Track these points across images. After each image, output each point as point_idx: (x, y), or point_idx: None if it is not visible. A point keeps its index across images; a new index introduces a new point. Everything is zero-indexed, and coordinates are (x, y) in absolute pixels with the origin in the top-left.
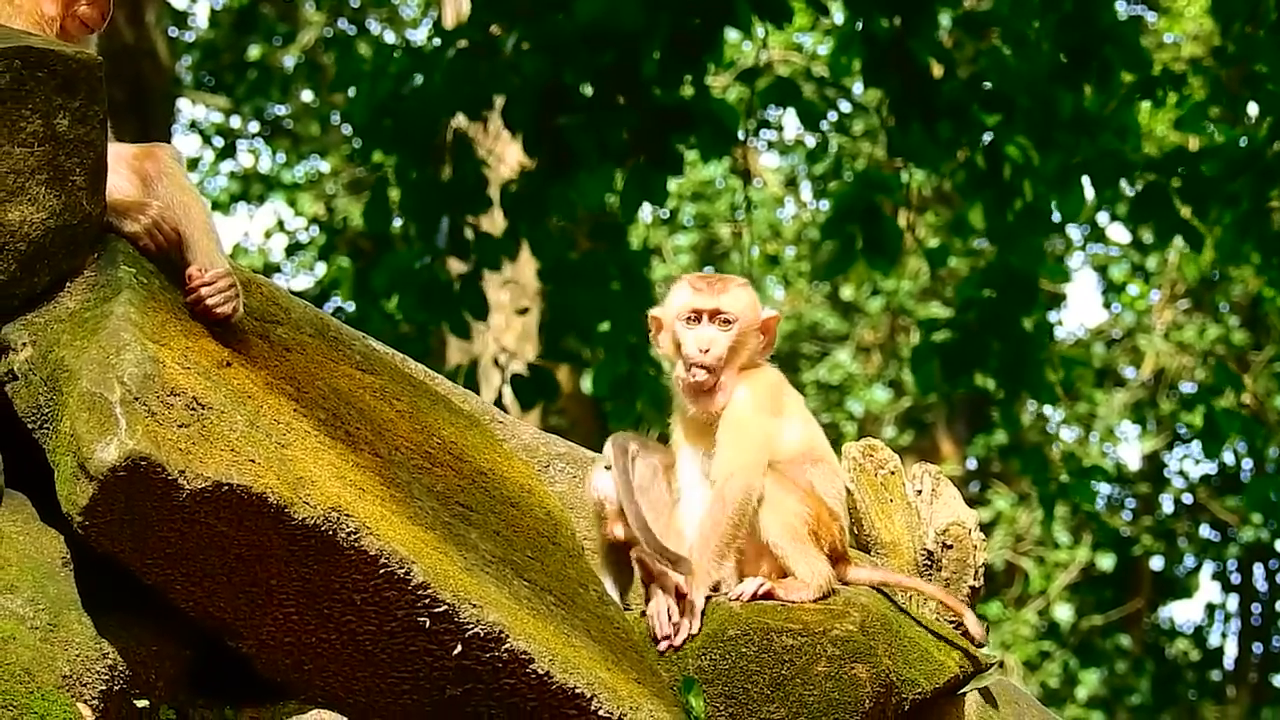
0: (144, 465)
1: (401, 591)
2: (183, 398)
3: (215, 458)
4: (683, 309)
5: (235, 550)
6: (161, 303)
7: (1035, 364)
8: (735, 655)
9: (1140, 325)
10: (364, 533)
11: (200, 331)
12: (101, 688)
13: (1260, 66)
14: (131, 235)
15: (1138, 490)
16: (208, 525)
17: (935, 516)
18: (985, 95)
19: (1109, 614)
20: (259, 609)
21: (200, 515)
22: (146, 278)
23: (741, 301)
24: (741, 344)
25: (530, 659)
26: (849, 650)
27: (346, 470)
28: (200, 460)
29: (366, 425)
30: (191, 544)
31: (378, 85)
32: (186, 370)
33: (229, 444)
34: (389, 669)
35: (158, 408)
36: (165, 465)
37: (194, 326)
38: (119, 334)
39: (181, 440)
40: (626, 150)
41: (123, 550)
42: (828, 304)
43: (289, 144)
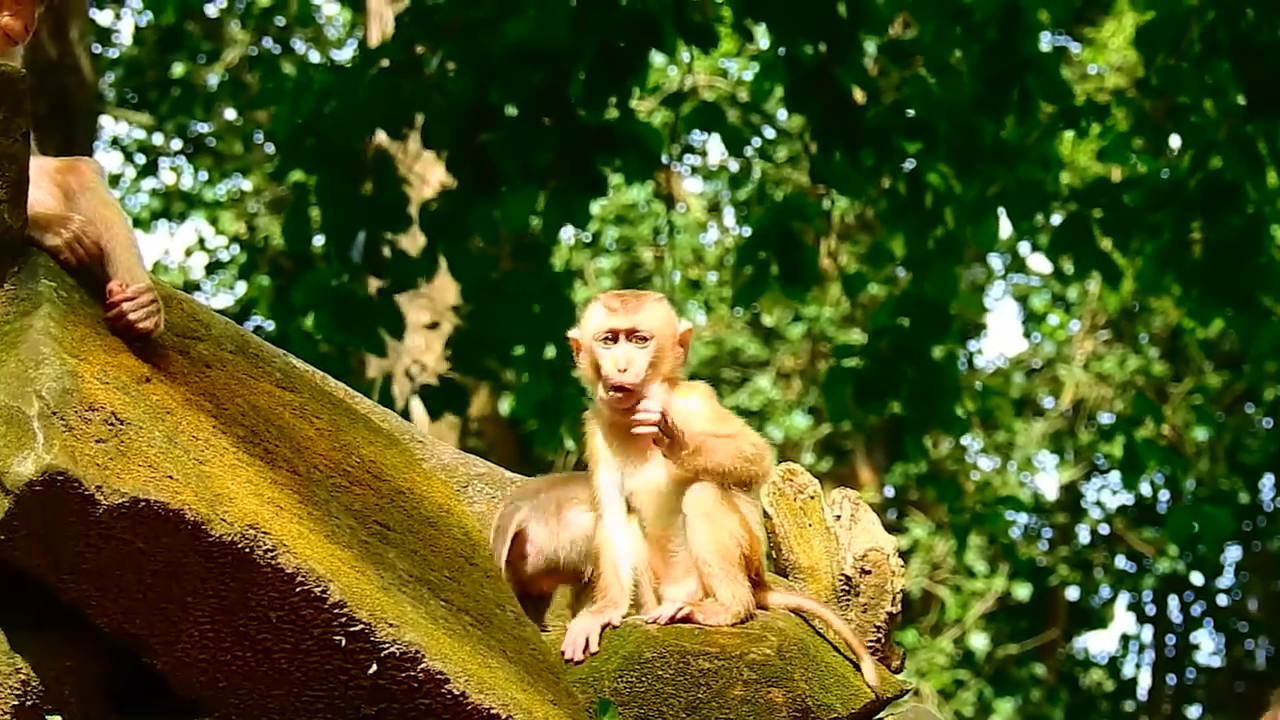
0: (61, 480)
1: (318, 610)
2: (101, 413)
3: (133, 473)
4: (598, 330)
5: (152, 566)
6: (81, 317)
7: (945, 394)
8: (651, 678)
9: (1060, 355)
10: (281, 550)
11: (120, 347)
12: (14, 702)
13: (1183, 98)
14: (52, 249)
15: (1055, 520)
16: (124, 541)
17: (854, 542)
18: (908, 123)
19: (1024, 643)
20: (175, 625)
21: (117, 531)
22: (67, 292)
23: (657, 317)
24: (660, 359)
25: (446, 679)
26: (765, 674)
27: (264, 488)
28: (118, 475)
29: (285, 443)
30: (108, 560)
31: (300, 103)
32: (105, 385)
33: (147, 460)
34: (304, 687)
35: (76, 422)
36: (82, 480)
37: (114, 342)
38: (38, 348)
39: (99, 455)
40: (550, 171)
41: (38, 565)
42: (749, 330)
43: (211, 162)
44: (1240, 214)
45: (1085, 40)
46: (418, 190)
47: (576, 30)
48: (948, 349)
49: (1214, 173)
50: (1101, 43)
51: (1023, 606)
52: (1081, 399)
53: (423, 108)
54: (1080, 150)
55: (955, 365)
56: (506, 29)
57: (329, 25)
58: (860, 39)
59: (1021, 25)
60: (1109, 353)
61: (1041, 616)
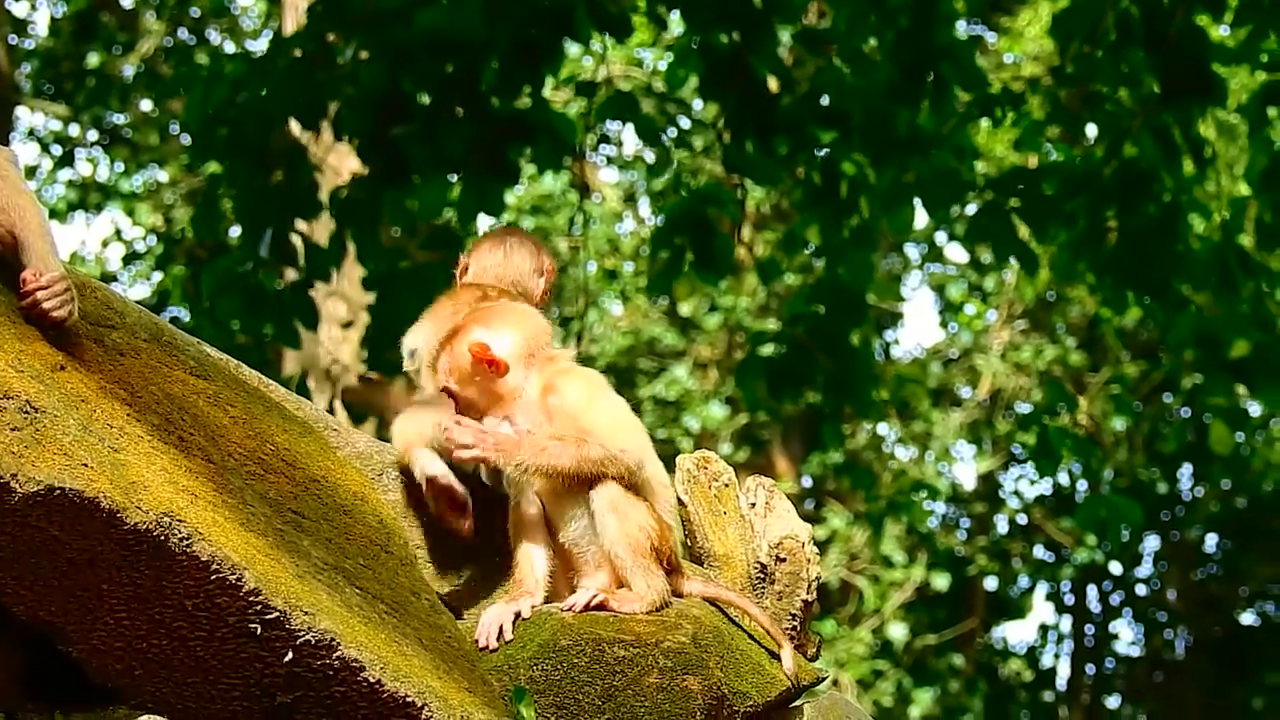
0: None
1: (233, 598)
2: (15, 401)
3: (48, 461)
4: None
5: (67, 555)
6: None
7: (862, 381)
8: (567, 666)
9: (977, 345)
10: (196, 539)
11: (34, 335)
12: None
13: (1099, 86)
14: None
15: (973, 510)
16: (39, 529)
17: (769, 530)
18: (822, 111)
19: (943, 633)
20: (90, 614)
21: (31, 519)
22: None
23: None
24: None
25: (361, 667)
26: (681, 662)
27: (179, 476)
28: (32, 464)
29: (200, 431)
30: (23, 547)
31: (212, 92)
32: (20, 373)
33: (62, 448)
34: (220, 675)
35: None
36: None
37: (28, 330)
38: None
39: (14, 443)
40: (463, 160)
41: None
42: (665, 319)
43: (127, 153)
44: (1156, 202)
45: (1001, 29)
46: (330, 180)
47: (489, 19)
48: (863, 335)
49: (1129, 161)
50: (1018, 32)
51: (941, 596)
52: (999, 389)
53: (335, 97)
54: (996, 139)
55: (871, 351)
56: (419, 18)
57: (244, 16)
58: (775, 27)
59: (936, 14)
60: (1026, 342)
61: (960, 606)
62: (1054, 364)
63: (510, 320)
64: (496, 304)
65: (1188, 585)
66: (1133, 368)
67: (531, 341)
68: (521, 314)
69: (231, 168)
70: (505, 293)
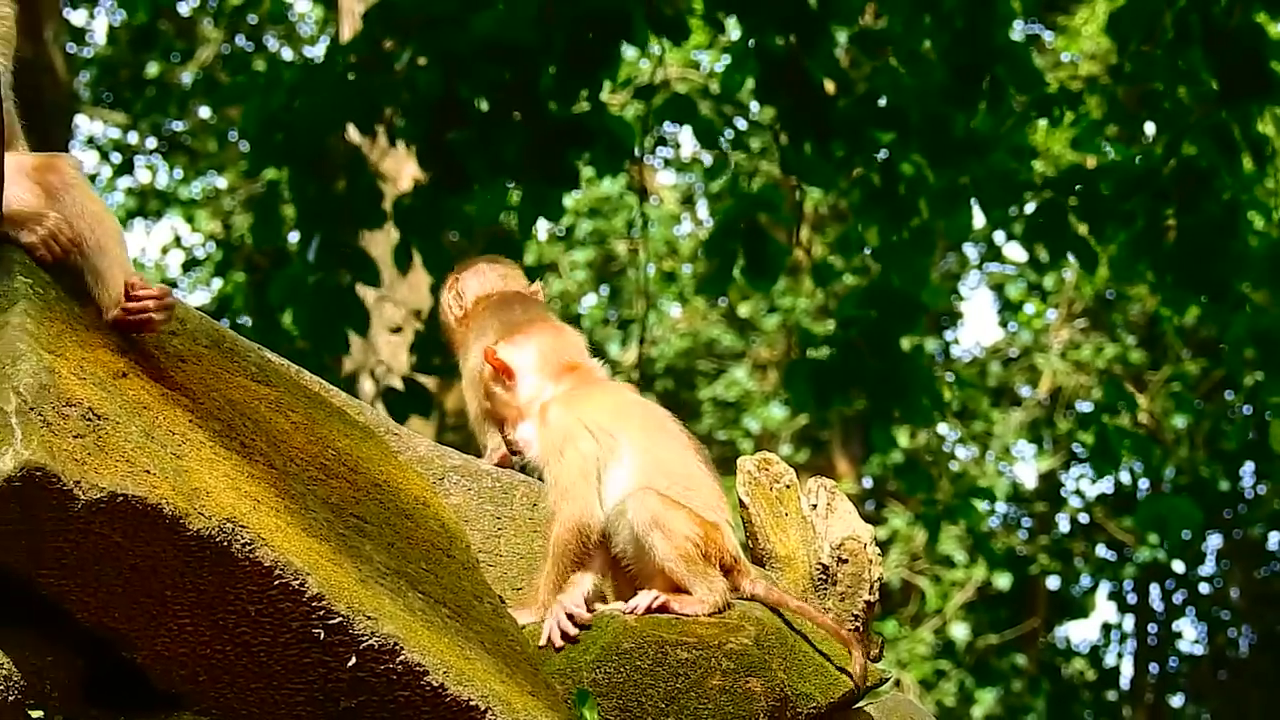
0: (39, 475)
1: (296, 603)
2: (78, 408)
3: (111, 468)
4: None
5: (130, 561)
6: (57, 313)
7: (912, 386)
8: (630, 669)
9: (1037, 344)
10: (259, 544)
11: (96, 342)
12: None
13: (1157, 85)
14: (28, 246)
15: (1034, 509)
16: (102, 536)
17: (830, 531)
18: (879, 113)
19: (1005, 633)
20: (153, 620)
21: (95, 526)
22: (43, 288)
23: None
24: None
25: (425, 671)
26: (743, 664)
27: (242, 482)
28: (95, 471)
29: (262, 437)
30: (86, 555)
31: (270, 98)
32: (82, 381)
33: (124, 455)
34: (283, 681)
35: (53, 418)
36: (60, 475)
37: (90, 337)
38: (14, 344)
39: (77, 450)
40: (520, 165)
41: (17, 560)
42: (724, 321)
43: (186, 160)
44: (1215, 201)
45: (1059, 28)
46: (389, 187)
47: (545, 24)
48: (915, 340)
49: (1188, 159)
50: (1075, 30)
51: (1003, 596)
52: (1059, 387)
53: (392, 103)
54: (1055, 138)
55: (923, 357)
56: (474, 23)
57: (301, 23)
58: (831, 30)
59: (992, 14)
60: (1086, 340)
61: (1022, 606)
62: (1114, 362)
63: (531, 332)
64: (526, 318)
65: (1251, 583)
66: (1193, 365)
67: (550, 354)
68: (545, 327)
69: (291, 175)
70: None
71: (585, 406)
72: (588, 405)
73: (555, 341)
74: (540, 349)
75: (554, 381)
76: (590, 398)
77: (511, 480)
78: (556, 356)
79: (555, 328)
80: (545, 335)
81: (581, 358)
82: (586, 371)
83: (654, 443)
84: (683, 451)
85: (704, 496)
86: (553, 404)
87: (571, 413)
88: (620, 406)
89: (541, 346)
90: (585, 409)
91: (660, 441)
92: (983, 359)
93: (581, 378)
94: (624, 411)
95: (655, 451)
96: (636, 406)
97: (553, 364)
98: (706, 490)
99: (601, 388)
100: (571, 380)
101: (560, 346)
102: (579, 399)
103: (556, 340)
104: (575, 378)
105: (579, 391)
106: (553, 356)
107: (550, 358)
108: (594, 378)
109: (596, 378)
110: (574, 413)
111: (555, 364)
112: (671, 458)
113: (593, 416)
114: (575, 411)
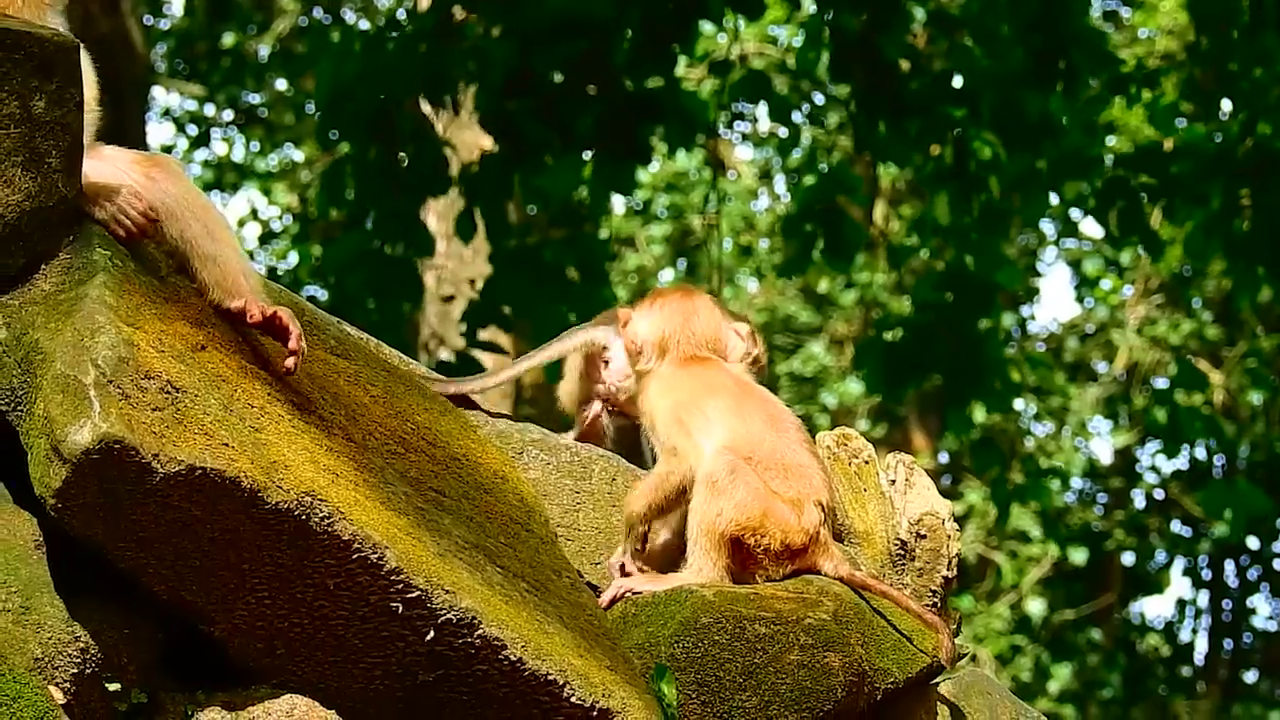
0: (117, 448)
1: (374, 577)
2: (157, 381)
3: (189, 441)
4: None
5: (208, 535)
6: (136, 286)
7: (987, 369)
8: (708, 643)
9: (1113, 320)
10: (337, 518)
11: (175, 315)
12: (73, 671)
13: (1233, 65)
14: (101, 221)
15: (1110, 485)
16: (181, 509)
17: (909, 506)
18: (953, 93)
19: (1080, 608)
20: (231, 594)
21: (173, 499)
22: (121, 261)
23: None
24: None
25: (503, 645)
26: (822, 639)
27: (320, 455)
28: (174, 444)
29: (340, 410)
30: (164, 528)
31: (343, 67)
32: (161, 354)
33: (203, 428)
34: (361, 654)
35: (131, 391)
36: (139, 448)
37: (169, 310)
38: (93, 317)
39: (155, 423)
40: (593, 139)
41: (95, 533)
42: (801, 297)
43: (263, 132)
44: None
45: (1135, 3)
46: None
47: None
48: (990, 323)
49: (1264, 139)
50: (1152, 5)
51: (1079, 571)
52: (1135, 363)
53: (465, 74)
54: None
55: (997, 340)
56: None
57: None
58: (906, 8)
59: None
60: (1162, 316)
61: (1097, 581)
62: (1190, 338)
63: (663, 308)
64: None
65: None
66: (1269, 341)
67: (670, 334)
68: (678, 308)
69: (355, 143)
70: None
71: (684, 380)
72: (686, 379)
73: (681, 327)
74: (663, 328)
75: (667, 364)
76: (692, 374)
77: (590, 455)
78: (678, 341)
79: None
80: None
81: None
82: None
83: (745, 423)
84: (776, 430)
85: (793, 474)
86: (655, 376)
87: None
88: (716, 383)
89: (665, 326)
90: (683, 385)
91: (753, 422)
92: (1059, 334)
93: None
94: (719, 388)
95: (745, 430)
96: (733, 384)
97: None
98: (797, 469)
99: (705, 365)
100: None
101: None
102: (679, 376)
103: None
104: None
105: (683, 369)
106: (675, 339)
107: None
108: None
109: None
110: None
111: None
112: (762, 436)
113: (689, 389)
114: (674, 385)
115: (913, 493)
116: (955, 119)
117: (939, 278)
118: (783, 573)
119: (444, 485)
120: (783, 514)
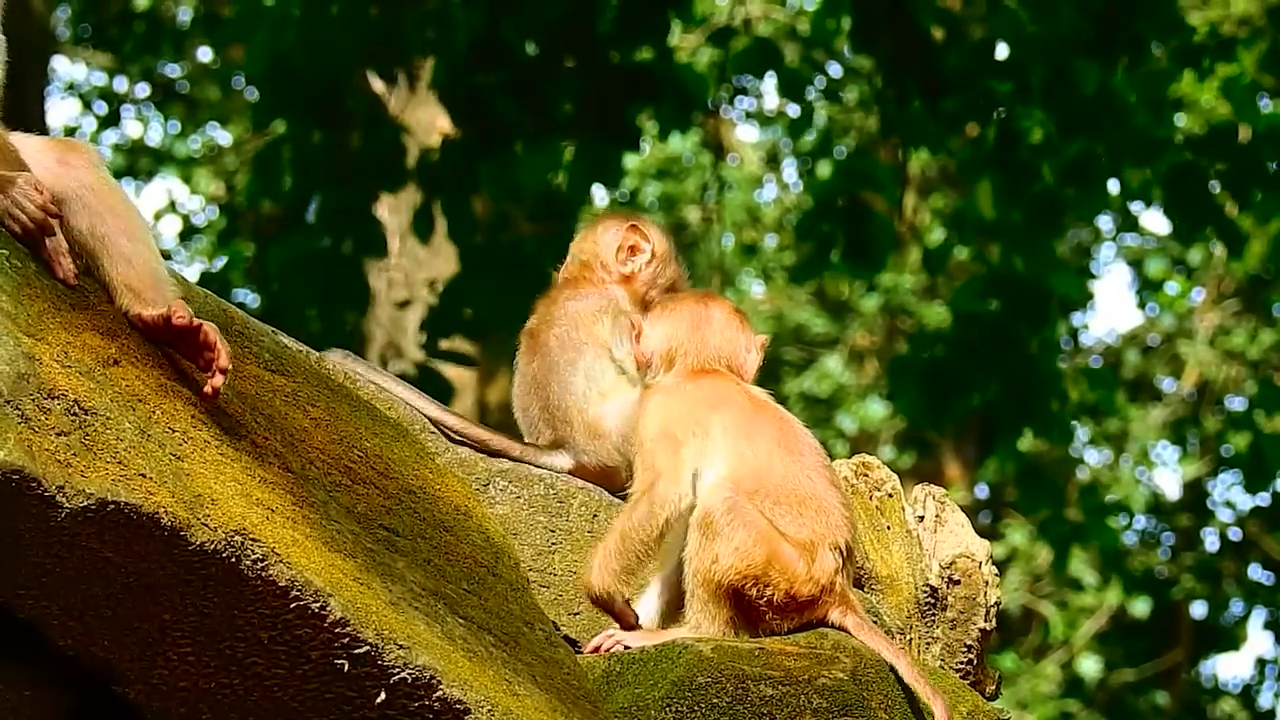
0: (16, 479)
1: (316, 629)
2: (62, 401)
3: (100, 471)
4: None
5: (122, 579)
6: (38, 290)
7: (1041, 392)
8: (705, 706)
9: (1181, 329)
10: (272, 560)
11: (83, 325)
12: None
13: None
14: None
15: (1177, 523)
16: (90, 550)
17: (940, 547)
18: (996, 65)
19: (1143, 668)
20: (150, 649)
21: (81, 538)
22: (21, 261)
23: None
24: None
25: (466, 710)
26: (838, 702)
27: (253, 487)
28: (82, 474)
29: (276, 435)
30: (71, 571)
31: (279, 37)
32: (67, 369)
33: (116, 455)
34: (301, 719)
35: (33, 413)
36: (41, 479)
37: (76, 319)
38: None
39: (60, 450)
40: (573, 121)
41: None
42: (815, 303)
43: (183, 111)
44: None
45: None
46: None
47: None
48: (1045, 337)
49: None
50: None
51: (1141, 625)
52: (1206, 381)
53: (422, 44)
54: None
55: (1054, 358)
56: None
57: None
58: None
59: None
60: (1238, 326)
61: (1163, 637)
62: (1271, 351)
63: (673, 315)
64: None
65: None
66: None
67: (677, 345)
68: (690, 314)
69: (294, 125)
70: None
71: (686, 392)
72: (690, 391)
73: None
74: (670, 338)
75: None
76: (698, 385)
77: (568, 487)
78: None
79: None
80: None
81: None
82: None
83: (753, 446)
84: (790, 455)
85: (808, 510)
86: (656, 389)
87: (670, 399)
88: (723, 397)
89: (672, 336)
90: (684, 399)
91: (762, 446)
92: (1117, 347)
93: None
94: (725, 402)
95: (752, 456)
96: (744, 399)
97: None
98: (813, 502)
99: (715, 378)
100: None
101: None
102: (683, 389)
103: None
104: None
105: (689, 383)
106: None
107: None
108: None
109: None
110: (672, 400)
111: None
112: (771, 464)
113: (690, 401)
114: (674, 399)
115: (944, 531)
116: (999, 95)
117: (983, 283)
118: (789, 626)
119: (397, 522)
120: (790, 560)
